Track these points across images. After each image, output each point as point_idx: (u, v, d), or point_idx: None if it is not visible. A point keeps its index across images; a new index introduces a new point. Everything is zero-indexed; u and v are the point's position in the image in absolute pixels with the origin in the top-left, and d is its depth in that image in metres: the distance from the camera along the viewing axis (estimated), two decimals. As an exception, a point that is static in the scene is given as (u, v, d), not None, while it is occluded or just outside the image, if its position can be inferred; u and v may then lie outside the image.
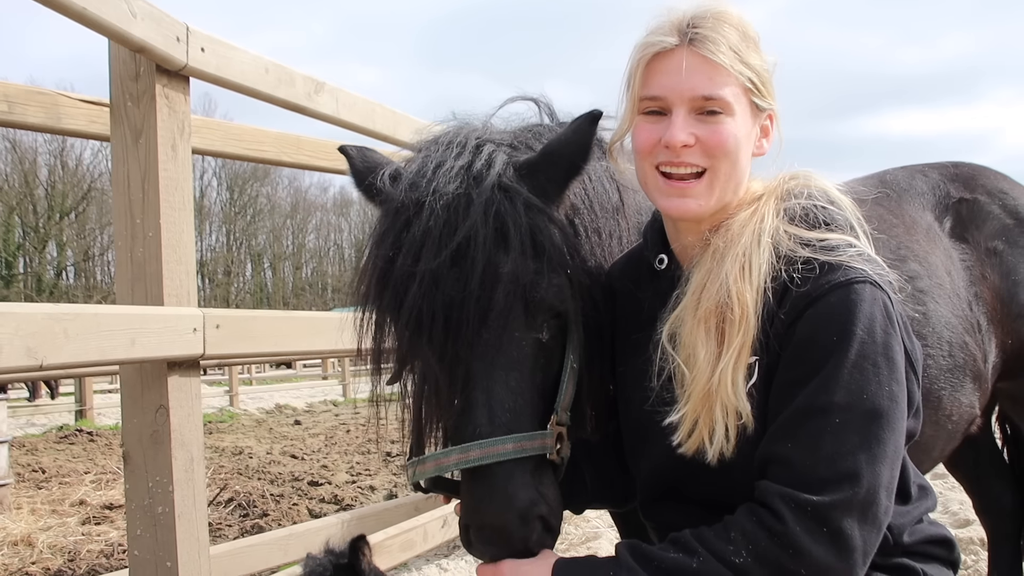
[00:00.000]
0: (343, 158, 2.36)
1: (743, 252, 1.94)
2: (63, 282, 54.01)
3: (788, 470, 1.80)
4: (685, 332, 1.97)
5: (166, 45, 3.29)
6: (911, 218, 3.20)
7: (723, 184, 2.00)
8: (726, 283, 1.92)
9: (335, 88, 4.50)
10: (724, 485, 1.96)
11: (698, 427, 1.91)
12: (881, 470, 1.79)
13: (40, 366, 2.57)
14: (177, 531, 3.27)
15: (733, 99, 1.96)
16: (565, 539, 6.42)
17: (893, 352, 1.84)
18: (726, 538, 1.79)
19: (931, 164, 3.56)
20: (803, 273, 1.89)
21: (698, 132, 1.96)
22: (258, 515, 8.06)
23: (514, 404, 2.00)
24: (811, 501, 1.74)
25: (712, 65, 1.95)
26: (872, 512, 1.78)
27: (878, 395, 1.80)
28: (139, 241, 3.35)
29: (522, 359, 2.03)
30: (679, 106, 1.96)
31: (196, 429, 3.40)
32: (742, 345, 1.88)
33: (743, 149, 2.00)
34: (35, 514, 8.43)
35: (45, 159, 53.02)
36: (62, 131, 4.00)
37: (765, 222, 1.98)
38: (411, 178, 2.12)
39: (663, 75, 1.99)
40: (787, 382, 1.87)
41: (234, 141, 4.62)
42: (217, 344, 3.41)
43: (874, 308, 1.85)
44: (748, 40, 2.01)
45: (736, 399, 1.87)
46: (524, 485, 1.93)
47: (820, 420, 1.79)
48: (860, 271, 1.88)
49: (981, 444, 3.98)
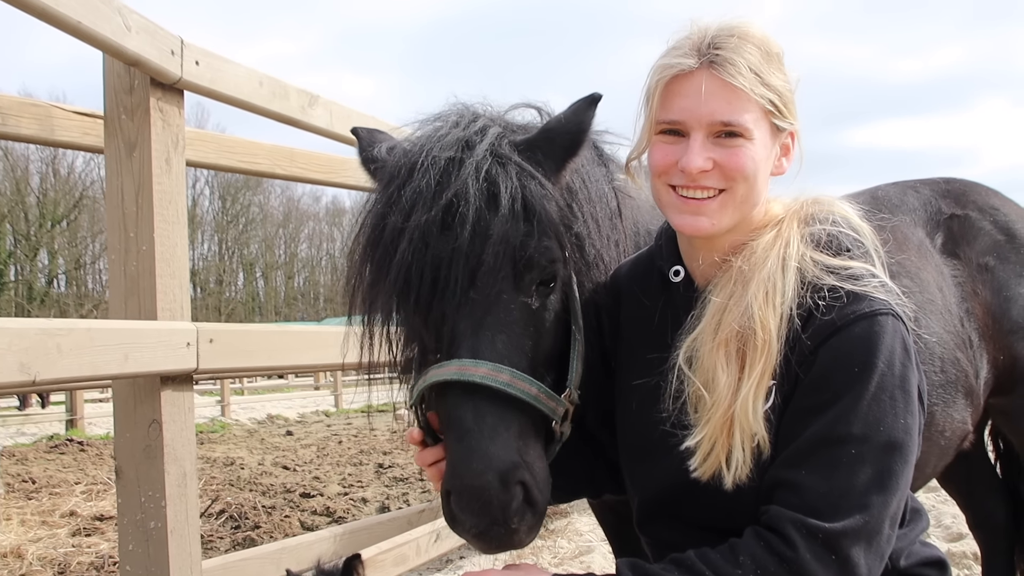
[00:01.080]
0: (337, 170, 2.40)
1: (768, 277, 1.94)
2: (54, 290, 53.82)
3: (799, 496, 1.80)
4: (704, 356, 1.96)
5: (160, 59, 3.29)
6: (903, 234, 3.20)
7: (738, 205, 1.99)
8: (751, 308, 1.91)
9: (329, 101, 4.51)
10: (725, 508, 1.95)
11: (715, 452, 1.90)
12: (891, 501, 1.80)
13: (33, 382, 2.56)
14: (170, 546, 3.25)
15: (752, 123, 1.94)
16: (558, 553, 6.41)
17: (909, 385, 1.85)
18: (734, 561, 1.78)
19: (923, 180, 3.57)
20: (828, 301, 1.89)
21: (716, 156, 1.94)
22: (250, 527, 8.03)
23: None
24: (822, 528, 1.74)
25: (732, 89, 1.92)
26: (878, 541, 1.79)
27: (894, 428, 1.81)
28: (133, 255, 3.35)
29: (511, 322, 2.03)
30: (697, 131, 1.95)
31: (189, 444, 3.39)
32: (763, 371, 1.88)
33: (761, 171, 1.99)
34: (25, 525, 8.38)
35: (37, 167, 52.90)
36: (55, 143, 3.99)
37: (791, 247, 1.98)
38: (406, 146, 2.17)
39: (682, 98, 1.96)
40: (805, 408, 1.87)
41: (228, 153, 4.61)
42: (211, 359, 3.40)
43: (895, 341, 1.86)
44: (771, 59, 1.98)
45: (756, 425, 1.86)
46: (507, 447, 1.90)
47: (836, 449, 1.80)
48: (883, 302, 1.89)
49: (974, 459, 3.98)
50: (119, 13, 3.07)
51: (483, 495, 1.86)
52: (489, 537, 1.93)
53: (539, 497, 1.93)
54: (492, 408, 1.93)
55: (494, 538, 1.93)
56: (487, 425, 1.91)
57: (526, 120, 2.41)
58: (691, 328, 2.02)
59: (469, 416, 1.92)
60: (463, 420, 1.92)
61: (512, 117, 2.41)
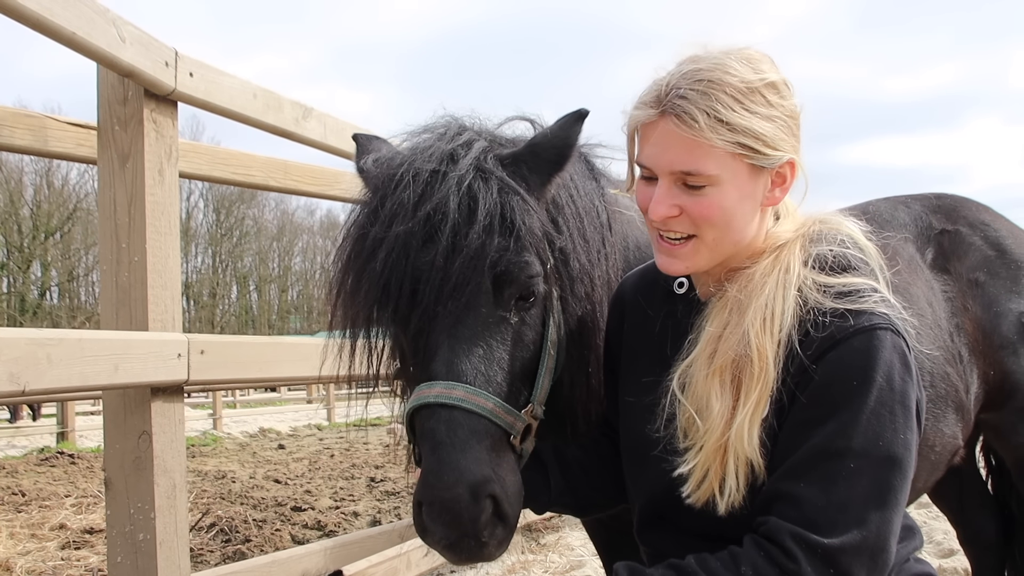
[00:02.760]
0: (331, 183, 2.42)
1: (766, 304, 1.93)
2: (47, 302, 53.66)
3: (798, 510, 1.79)
4: (698, 383, 1.96)
5: (154, 70, 3.30)
6: (892, 249, 3.21)
7: (712, 248, 2.00)
8: (747, 336, 1.91)
9: (323, 114, 4.52)
10: (722, 518, 1.95)
11: (708, 479, 1.91)
12: (891, 517, 1.80)
13: (23, 391, 2.55)
14: (158, 558, 3.24)
15: (717, 169, 1.90)
16: (549, 568, 6.39)
17: (909, 400, 1.85)
18: (735, 570, 1.78)
19: (913, 195, 3.58)
20: (829, 318, 1.89)
21: (682, 203, 1.95)
22: (240, 540, 7.98)
23: (478, 371, 2.02)
24: (821, 543, 1.74)
25: (688, 139, 1.89)
26: (881, 559, 1.79)
27: (893, 442, 1.81)
28: (124, 266, 3.34)
29: (487, 336, 2.05)
30: (663, 177, 1.97)
31: (179, 455, 3.38)
32: (759, 399, 1.87)
33: (735, 213, 1.96)
34: (14, 538, 8.33)
35: (31, 178, 52.82)
36: (49, 154, 4.00)
37: (791, 272, 1.97)
38: (392, 158, 2.20)
39: (648, 145, 1.99)
40: (803, 421, 1.86)
41: (221, 165, 4.62)
42: (202, 370, 3.40)
43: (893, 355, 1.86)
44: (750, 96, 1.91)
45: (751, 452, 1.86)
46: (478, 460, 1.92)
47: (835, 463, 1.79)
48: (883, 316, 1.89)
49: (965, 475, 3.99)
50: (114, 25, 3.08)
51: (453, 507, 1.87)
52: (459, 549, 1.94)
53: (509, 511, 1.95)
54: (465, 421, 1.94)
55: (464, 550, 1.94)
56: (459, 438, 1.93)
57: (517, 133, 2.44)
58: (687, 352, 2.03)
59: (442, 429, 1.94)
60: (435, 432, 1.95)
61: (503, 131, 2.44)
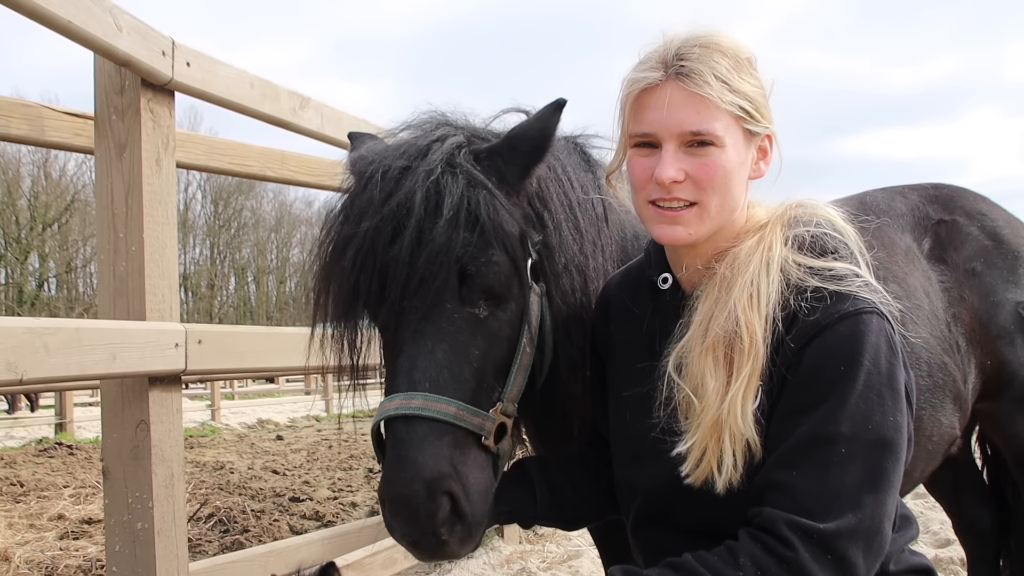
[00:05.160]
0: (328, 173, 2.42)
1: (751, 281, 1.95)
2: (45, 293, 53.60)
3: (791, 498, 1.80)
4: (693, 362, 1.97)
5: (151, 59, 3.29)
6: (891, 239, 3.22)
7: (714, 215, 2.00)
8: (734, 312, 1.92)
9: (320, 104, 4.51)
10: (716, 512, 1.95)
11: (706, 457, 1.90)
12: (885, 499, 1.80)
13: (20, 380, 2.55)
14: (156, 548, 3.24)
15: (723, 131, 1.95)
16: (546, 558, 6.40)
17: (897, 383, 1.86)
18: (733, 563, 1.78)
19: (911, 185, 3.58)
20: (812, 302, 1.90)
21: (687, 167, 1.96)
22: (239, 531, 8.00)
23: (439, 375, 2.00)
24: (816, 528, 1.75)
25: (699, 99, 1.93)
26: (877, 541, 1.79)
27: (883, 425, 1.81)
28: (122, 255, 3.34)
29: (454, 332, 2.04)
30: (668, 141, 1.97)
31: (177, 445, 3.38)
32: (751, 374, 1.89)
33: (735, 178, 2.00)
34: (12, 528, 8.34)
35: (28, 170, 52.68)
36: (46, 143, 3.98)
37: (773, 251, 1.99)
38: (367, 155, 2.20)
39: (651, 110, 1.98)
40: (792, 409, 1.87)
41: (218, 155, 4.60)
42: (199, 360, 3.40)
43: (880, 339, 1.86)
44: (740, 65, 1.99)
45: (745, 428, 1.87)
46: (436, 456, 1.92)
47: (825, 449, 1.80)
48: (868, 301, 1.90)
49: (961, 465, 3.99)
50: (110, 13, 3.07)
51: (410, 503, 1.89)
52: (421, 547, 1.97)
53: (467, 508, 1.95)
54: (426, 424, 1.95)
55: (426, 548, 1.97)
56: (418, 435, 1.94)
57: (511, 126, 2.43)
58: (679, 335, 2.04)
59: (402, 426, 1.95)
60: (396, 430, 1.96)
61: (495, 125, 2.42)
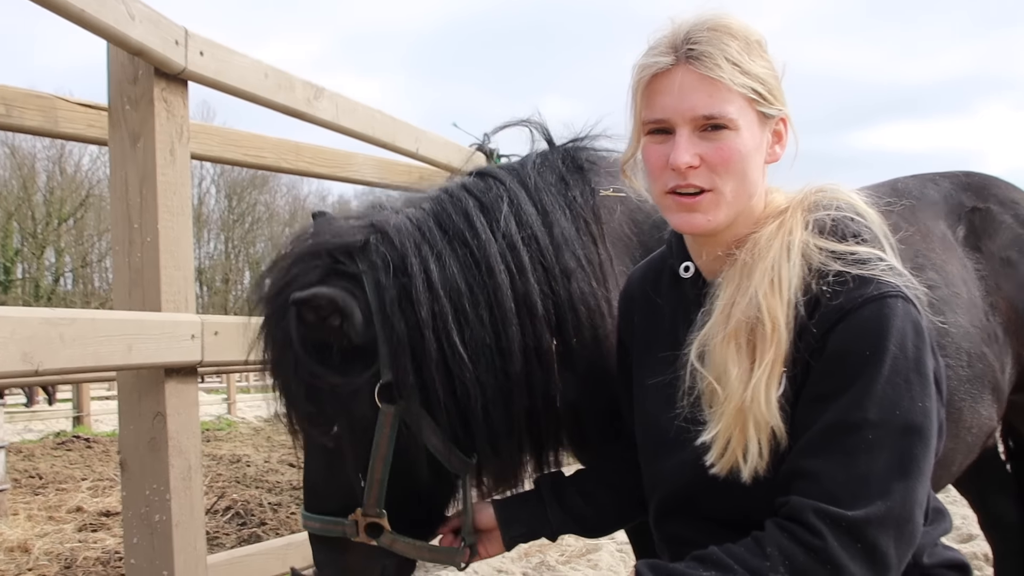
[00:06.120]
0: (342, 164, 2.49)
1: (772, 266, 1.91)
2: (61, 288, 53.89)
3: (818, 485, 1.76)
4: (715, 349, 1.92)
5: (164, 48, 3.26)
6: (926, 227, 3.16)
7: (731, 200, 1.96)
8: (756, 298, 1.88)
9: (334, 94, 4.48)
10: (741, 502, 1.92)
11: (731, 446, 1.87)
12: (915, 486, 1.76)
13: (36, 371, 2.53)
14: (174, 540, 3.22)
15: (736, 114, 1.91)
16: (565, 551, 6.37)
17: (925, 367, 1.81)
18: (760, 554, 1.75)
19: (942, 173, 3.52)
20: (835, 286, 1.86)
21: (702, 151, 1.92)
22: (256, 524, 8.01)
23: (324, 488, 2.31)
24: (845, 516, 1.71)
25: (711, 82, 1.90)
26: (908, 530, 1.75)
27: (911, 411, 1.77)
28: (137, 246, 3.32)
29: (313, 454, 2.34)
30: (681, 126, 1.93)
31: (194, 436, 3.36)
32: (774, 360, 1.85)
33: (751, 162, 1.96)
34: (31, 520, 8.37)
35: (44, 165, 52.92)
36: (60, 135, 3.97)
37: (794, 235, 1.95)
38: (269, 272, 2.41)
39: (662, 96, 1.95)
40: (817, 396, 1.83)
41: (232, 147, 4.59)
42: (215, 351, 3.37)
43: (906, 323, 1.82)
44: (751, 47, 1.96)
45: (770, 415, 1.83)
46: (322, 562, 2.36)
47: (852, 436, 1.76)
48: (892, 285, 1.85)
49: (985, 458, 3.92)
50: (123, 2, 3.03)
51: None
52: None
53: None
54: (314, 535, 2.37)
55: None
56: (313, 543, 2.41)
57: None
58: (702, 324, 2.00)
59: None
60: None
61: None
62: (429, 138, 5.30)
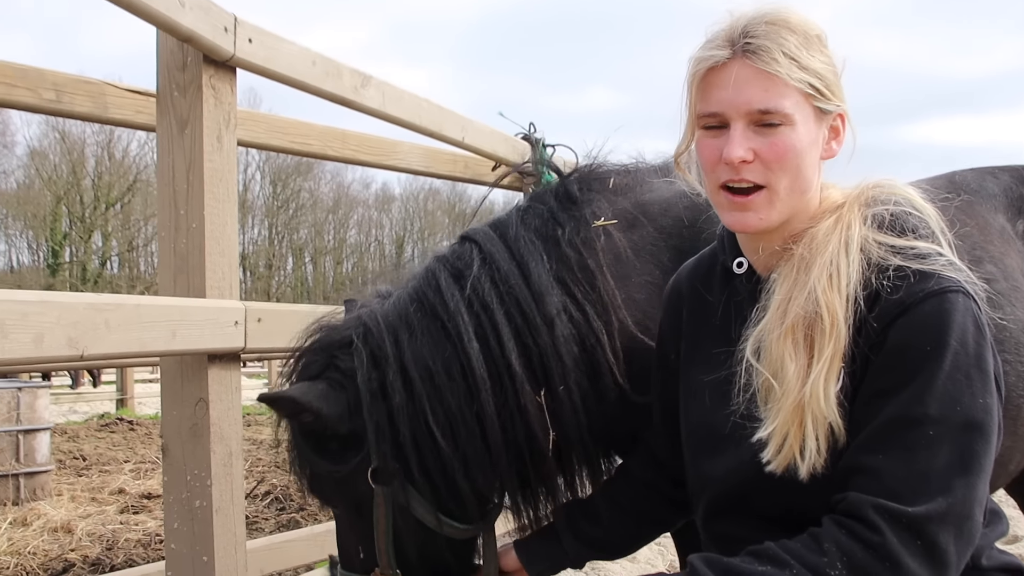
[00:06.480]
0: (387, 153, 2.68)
1: (831, 261, 1.87)
2: (107, 272, 54.72)
3: (878, 482, 1.72)
4: (772, 345, 1.89)
5: (214, 35, 3.26)
6: (984, 220, 3.08)
7: (784, 198, 1.93)
8: (814, 293, 1.85)
9: (381, 82, 4.46)
10: (797, 499, 1.89)
11: (788, 442, 1.83)
12: (976, 483, 1.72)
13: (81, 356, 2.54)
14: (214, 525, 3.23)
15: (792, 108, 1.88)
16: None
17: (986, 364, 1.77)
18: (818, 550, 1.72)
19: (1001, 166, 3.43)
20: (895, 280, 1.82)
21: (756, 146, 1.89)
22: (295, 509, 8.07)
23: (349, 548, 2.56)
24: (906, 512, 1.67)
25: (767, 76, 1.87)
26: (968, 527, 1.71)
27: (972, 407, 1.73)
28: (183, 232, 3.32)
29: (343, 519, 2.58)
30: (736, 120, 1.90)
31: (235, 423, 3.37)
32: (833, 355, 1.81)
33: (806, 158, 1.92)
34: (75, 501, 8.51)
35: (92, 150, 53.74)
36: (109, 120, 3.99)
37: (852, 230, 1.91)
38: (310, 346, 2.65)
39: (718, 89, 1.92)
40: (877, 391, 1.80)
41: (279, 134, 4.59)
42: (258, 338, 3.37)
43: (967, 318, 1.78)
44: (809, 41, 1.92)
45: (828, 410, 1.80)
46: None
47: (913, 432, 1.73)
48: (953, 280, 1.82)
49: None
50: (173, -12, 3.04)
51: None
52: None
53: None
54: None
55: None
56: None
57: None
58: (757, 320, 1.97)
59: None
60: None
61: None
62: (475, 127, 5.27)
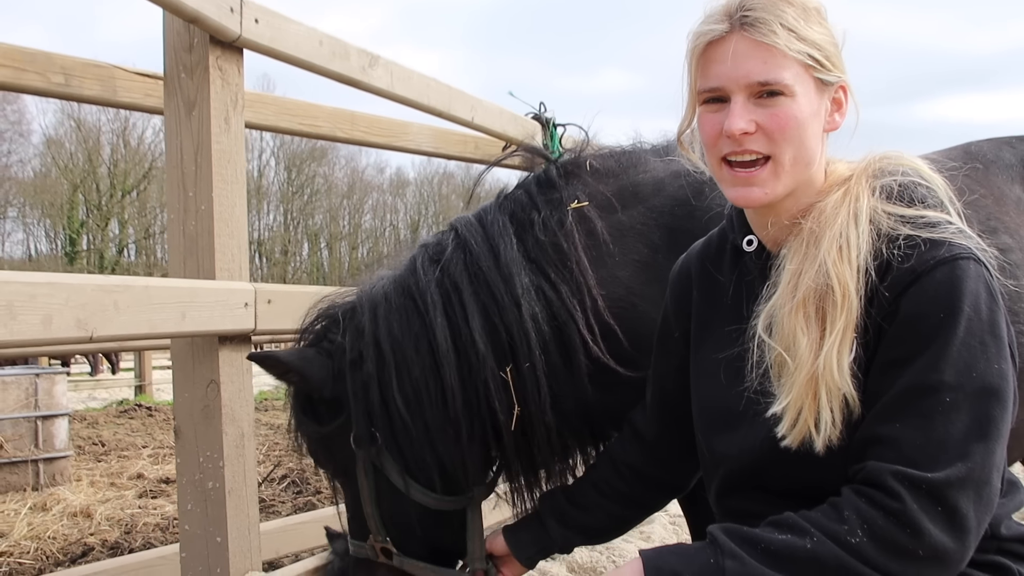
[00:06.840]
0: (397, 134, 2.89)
1: (840, 233, 1.87)
2: (124, 259, 54.98)
3: (896, 450, 1.72)
4: (783, 320, 1.89)
5: (220, 15, 3.24)
6: (999, 190, 3.04)
7: (789, 169, 1.92)
8: (825, 265, 1.85)
9: (389, 62, 4.44)
10: (813, 473, 1.88)
11: (803, 416, 1.83)
12: (994, 448, 1.71)
13: (90, 337, 2.54)
14: (227, 507, 3.24)
15: (792, 80, 1.87)
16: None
17: (999, 330, 1.76)
18: (838, 518, 1.72)
19: (1019, 136, 3.39)
20: (905, 250, 1.82)
21: (758, 118, 1.89)
22: (311, 492, 8.09)
23: (352, 516, 2.72)
24: (925, 478, 1.67)
25: (766, 48, 1.86)
26: (987, 493, 1.70)
27: (988, 373, 1.72)
28: (191, 214, 3.32)
29: (350, 495, 2.70)
30: (737, 93, 1.89)
31: (247, 405, 3.37)
32: (845, 327, 1.81)
33: (808, 129, 1.91)
34: (94, 486, 8.56)
35: (108, 138, 53.95)
36: (118, 104, 3.99)
37: (861, 201, 1.91)
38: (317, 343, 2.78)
39: (717, 64, 1.92)
40: (891, 360, 1.79)
41: (288, 116, 4.58)
42: (268, 319, 3.37)
43: (979, 285, 1.77)
44: (808, 13, 1.91)
45: (842, 382, 1.79)
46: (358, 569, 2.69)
47: (929, 399, 1.72)
48: (964, 247, 1.80)
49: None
50: (178, -32, 3.02)
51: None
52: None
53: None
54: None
55: None
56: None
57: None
58: (768, 296, 1.97)
59: None
60: None
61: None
62: (485, 107, 5.24)
